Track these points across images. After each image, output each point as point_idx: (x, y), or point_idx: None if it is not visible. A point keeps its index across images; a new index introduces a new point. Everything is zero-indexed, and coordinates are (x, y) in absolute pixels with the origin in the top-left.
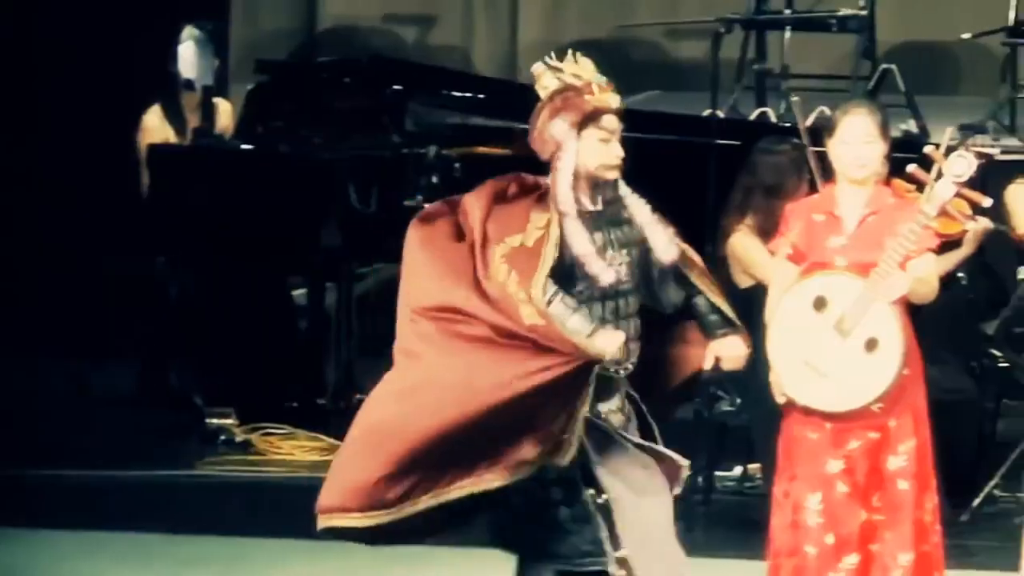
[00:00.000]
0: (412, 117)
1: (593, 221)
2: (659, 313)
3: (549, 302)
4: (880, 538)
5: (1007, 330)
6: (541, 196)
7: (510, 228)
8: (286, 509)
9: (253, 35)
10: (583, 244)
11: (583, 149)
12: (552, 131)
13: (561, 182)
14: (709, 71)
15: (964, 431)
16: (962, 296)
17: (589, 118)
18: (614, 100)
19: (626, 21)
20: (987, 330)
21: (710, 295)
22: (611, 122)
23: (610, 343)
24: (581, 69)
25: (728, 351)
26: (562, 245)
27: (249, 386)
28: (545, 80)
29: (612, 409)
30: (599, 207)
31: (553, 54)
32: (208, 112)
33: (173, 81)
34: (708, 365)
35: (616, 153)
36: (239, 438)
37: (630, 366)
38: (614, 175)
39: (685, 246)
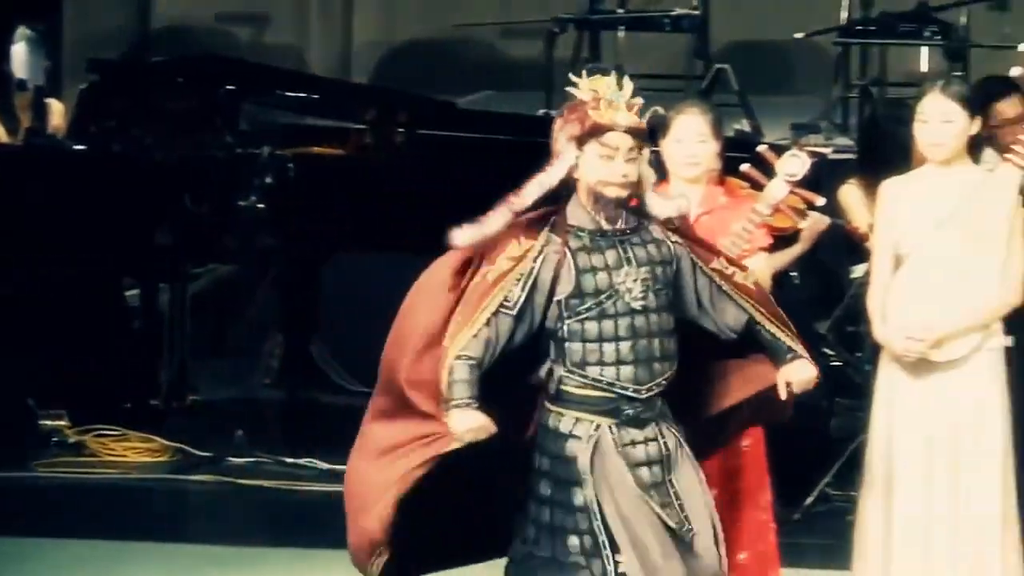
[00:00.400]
0: (246, 117)
1: (606, 239)
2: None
3: (458, 357)
4: None
5: (840, 329)
6: (539, 219)
7: (490, 256)
8: (119, 511)
9: (86, 34)
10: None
11: (585, 164)
12: (557, 144)
13: (532, 190)
14: (543, 70)
15: (797, 429)
16: (795, 295)
17: (589, 133)
18: (623, 118)
19: (460, 20)
20: (820, 329)
21: (766, 323)
22: (615, 139)
23: (459, 423)
24: (598, 84)
25: (797, 375)
26: (542, 271)
27: (82, 387)
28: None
29: (638, 439)
30: (620, 226)
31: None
32: (40, 112)
33: (5, 81)
34: (783, 393)
35: (619, 171)
36: (72, 440)
37: (655, 387)
38: (614, 193)
39: (750, 273)
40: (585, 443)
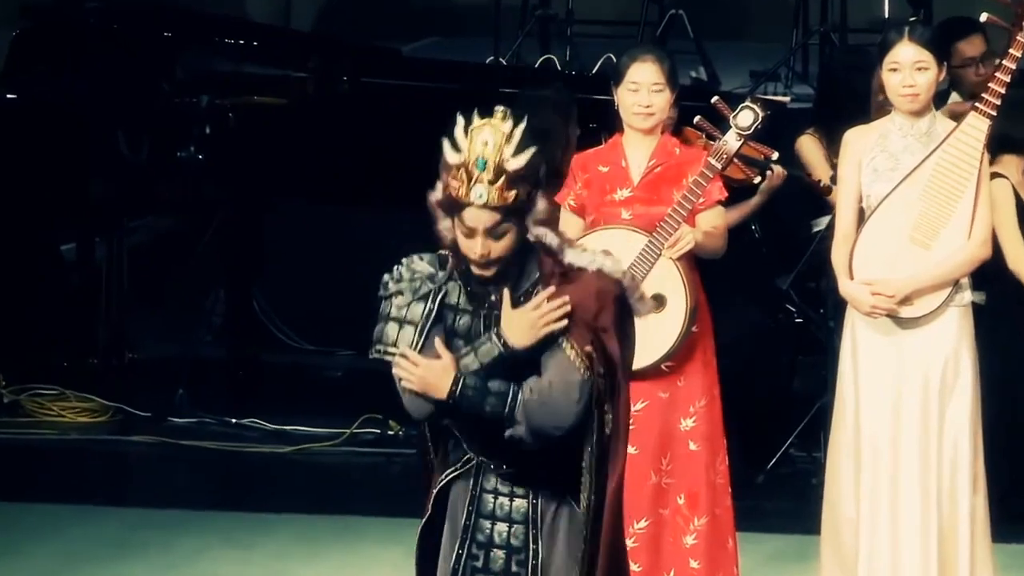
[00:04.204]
0: (183, 65)
1: (475, 302)
2: None
3: None
4: (671, 502)
5: (801, 285)
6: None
7: None
8: (56, 473)
9: None
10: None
11: (456, 231)
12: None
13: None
14: (491, 17)
15: (759, 389)
16: (755, 250)
17: (447, 207)
18: (481, 192)
19: None
20: (781, 285)
21: None
22: (471, 217)
23: None
24: (472, 143)
25: None
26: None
27: (16, 345)
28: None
29: (502, 490)
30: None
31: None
32: None
33: None
34: None
35: (477, 249)
36: (7, 399)
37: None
38: (476, 270)
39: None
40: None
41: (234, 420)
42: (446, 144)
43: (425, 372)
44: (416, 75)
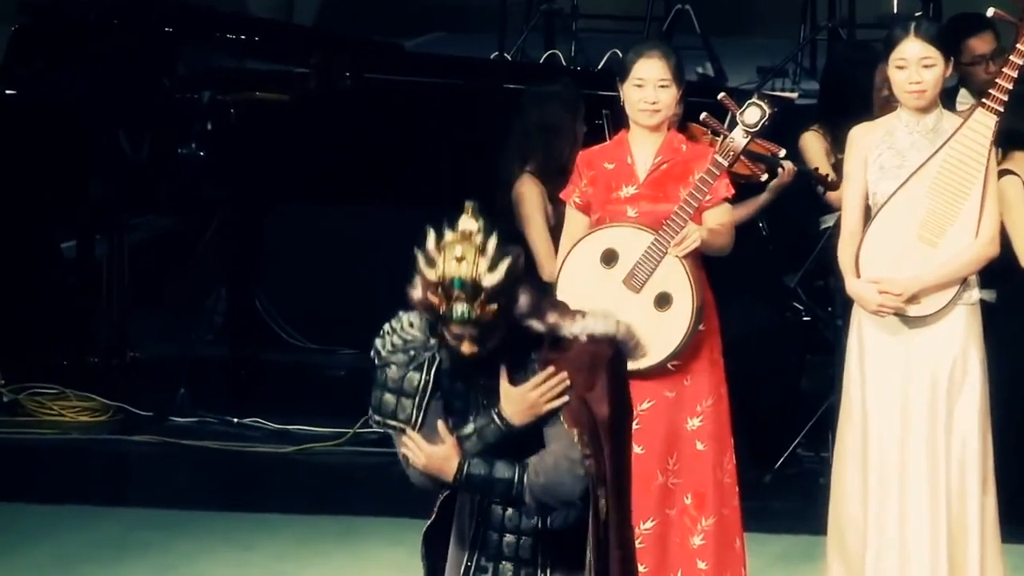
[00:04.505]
0: (184, 61)
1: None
2: None
3: None
4: (678, 502)
5: (809, 282)
6: None
7: None
8: (57, 473)
9: None
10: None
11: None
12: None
13: None
14: (496, 12)
15: (766, 388)
16: (762, 247)
17: (428, 313)
18: (461, 311)
19: None
20: (789, 283)
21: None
22: (458, 328)
23: None
24: (446, 260)
25: None
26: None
27: (16, 344)
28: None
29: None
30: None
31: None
32: None
33: None
34: None
35: (466, 350)
36: (7, 398)
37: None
38: (465, 360)
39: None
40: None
41: (236, 420)
42: (420, 257)
43: (429, 457)
44: (420, 71)
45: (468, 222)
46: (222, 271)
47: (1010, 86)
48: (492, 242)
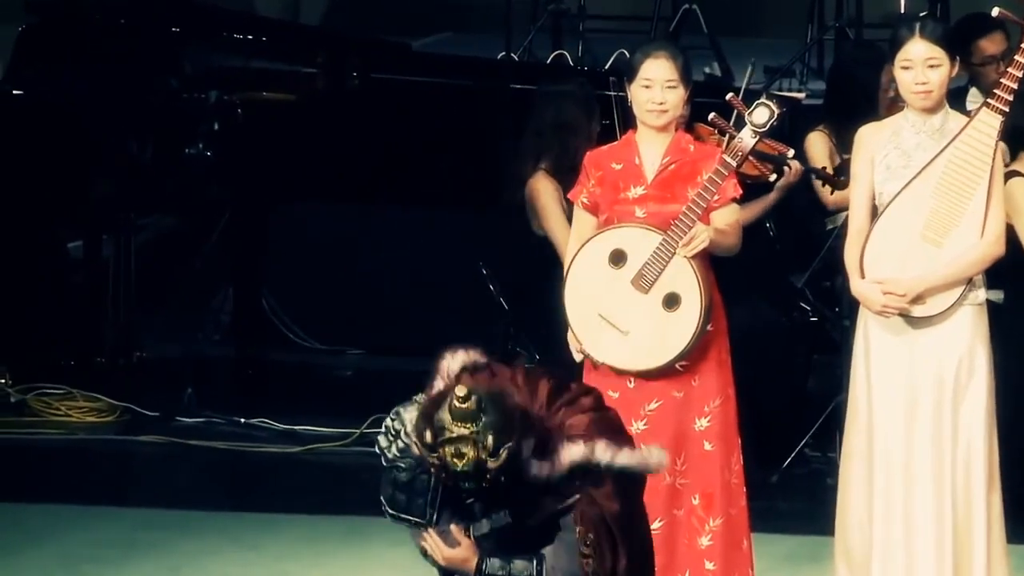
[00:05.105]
0: (191, 61)
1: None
2: None
3: None
4: (686, 503)
5: (817, 283)
6: None
7: None
8: (63, 473)
9: None
10: None
11: None
12: None
13: None
14: (503, 12)
15: (773, 388)
16: (770, 247)
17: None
18: (469, 486)
19: None
20: (796, 283)
21: None
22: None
23: None
24: (448, 456)
25: None
26: None
27: (23, 345)
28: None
29: None
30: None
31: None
32: None
33: None
34: None
35: (462, 483)
36: (14, 399)
37: None
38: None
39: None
40: None
41: (243, 420)
42: (409, 428)
43: (448, 560)
44: (427, 71)
45: (463, 414)
46: (229, 271)
47: (1015, 86)
48: (490, 435)
